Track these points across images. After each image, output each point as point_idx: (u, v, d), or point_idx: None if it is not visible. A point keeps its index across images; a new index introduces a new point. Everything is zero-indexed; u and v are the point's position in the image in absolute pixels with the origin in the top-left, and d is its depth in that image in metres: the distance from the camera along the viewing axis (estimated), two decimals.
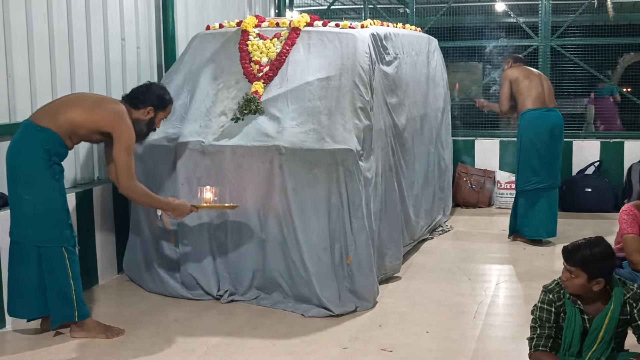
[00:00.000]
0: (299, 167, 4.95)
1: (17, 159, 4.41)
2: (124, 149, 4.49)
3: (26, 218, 4.41)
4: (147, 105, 4.68)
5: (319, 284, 4.94)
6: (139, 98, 4.68)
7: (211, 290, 5.23)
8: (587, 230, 7.20)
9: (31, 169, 4.37)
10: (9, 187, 4.48)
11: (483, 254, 6.58)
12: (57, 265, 4.44)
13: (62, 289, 4.46)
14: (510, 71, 6.93)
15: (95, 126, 4.50)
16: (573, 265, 3.47)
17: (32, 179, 4.37)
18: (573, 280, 3.49)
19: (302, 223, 4.95)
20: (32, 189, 4.37)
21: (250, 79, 5.44)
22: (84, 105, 4.53)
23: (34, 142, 4.38)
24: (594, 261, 3.45)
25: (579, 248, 3.50)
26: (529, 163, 6.73)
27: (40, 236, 4.41)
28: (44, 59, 5.25)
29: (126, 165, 4.52)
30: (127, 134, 4.51)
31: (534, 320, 3.63)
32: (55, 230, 4.44)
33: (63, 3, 5.43)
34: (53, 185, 4.43)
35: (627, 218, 4.55)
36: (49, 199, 4.41)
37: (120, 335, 4.63)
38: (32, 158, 4.37)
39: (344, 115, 5.09)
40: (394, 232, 5.68)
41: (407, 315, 4.94)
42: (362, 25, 5.77)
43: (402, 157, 6.03)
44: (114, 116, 4.51)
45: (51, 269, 4.43)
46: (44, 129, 4.38)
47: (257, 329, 4.71)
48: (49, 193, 4.41)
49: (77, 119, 4.45)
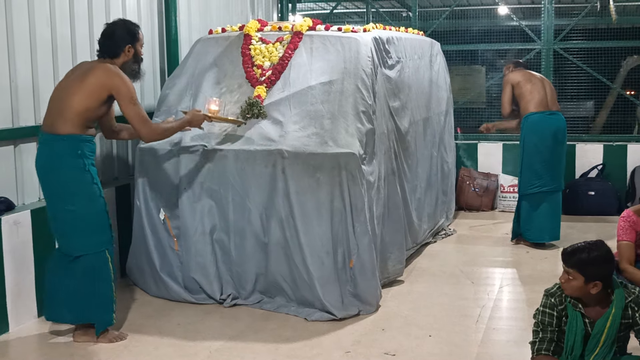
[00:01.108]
0: (301, 170, 4.95)
1: (51, 173, 4.41)
2: (128, 101, 4.46)
3: (72, 229, 4.45)
4: (123, 47, 4.57)
5: (322, 288, 4.94)
6: (113, 46, 4.57)
7: (214, 294, 5.24)
8: (590, 234, 7.20)
9: (70, 180, 4.39)
10: (48, 201, 4.50)
11: (486, 257, 6.58)
12: (102, 270, 4.50)
13: (104, 295, 4.53)
14: (511, 75, 6.92)
15: (95, 99, 4.44)
16: (571, 267, 3.50)
17: (72, 190, 4.39)
18: (570, 282, 3.51)
19: (305, 227, 4.96)
20: (73, 199, 4.40)
21: (253, 83, 5.45)
22: (74, 89, 4.43)
23: (65, 152, 4.38)
24: (591, 264, 3.47)
25: (577, 250, 3.53)
26: (532, 166, 6.73)
27: (85, 244, 4.46)
28: (47, 64, 5.26)
29: (137, 115, 4.51)
30: (124, 86, 4.45)
31: (536, 324, 3.63)
32: (99, 235, 4.51)
33: (66, 8, 5.45)
34: (93, 190, 4.46)
35: (624, 225, 4.54)
36: (91, 205, 4.45)
37: (123, 339, 4.63)
38: (68, 169, 4.39)
39: (346, 119, 5.10)
40: (396, 236, 5.68)
41: (410, 319, 4.94)
42: (365, 29, 5.78)
43: (404, 160, 6.04)
44: (103, 77, 4.43)
45: (95, 275, 4.48)
46: (68, 137, 4.38)
47: (259, 332, 4.72)
48: (90, 199, 4.45)
49: (81, 107, 4.40)
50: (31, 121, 5.10)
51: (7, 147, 4.91)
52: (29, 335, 4.71)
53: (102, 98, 4.46)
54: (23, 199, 5.06)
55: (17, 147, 4.99)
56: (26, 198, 5.09)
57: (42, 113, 5.12)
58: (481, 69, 11.19)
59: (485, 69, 10.93)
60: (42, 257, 5.00)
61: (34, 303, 4.96)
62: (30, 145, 5.09)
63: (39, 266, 4.97)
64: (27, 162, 5.06)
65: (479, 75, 10.88)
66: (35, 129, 5.09)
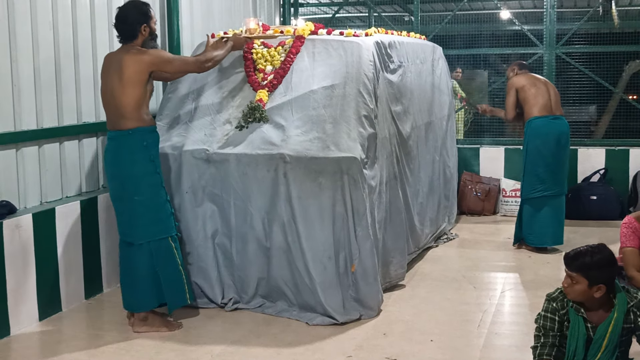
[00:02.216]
0: (303, 175, 4.95)
1: (122, 167, 4.71)
2: (168, 63, 4.83)
3: (137, 218, 4.73)
4: (139, 28, 4.77)
5: (324, 293, 4.94)
6: (130, 28, 4.78)
7: (216, 299, 5.23)
8: (593, 239, 7.13)
9: (137, 172, 4.70)
10: (116, 194, 4.80)
11: (488, 262, 6.57)
12: (168, 256, 4.79)
13: (174, 277, 4.81)
14: (516, 79, 6.91)
15: (141, 86, 4.69)
16: (574, 271, 3.49)
17: (141, 181, 4.70)
18: (574, 287, 3.50)
19: (307, 231, 4.95)
20: (140, 190, 4.70)
21: (255, 87, 5.45)
22: (117, 88, 4.67)
23: (133, 146, 4.69)
24: (594, 268, 3.47)
25: (580, 254, 3.53)
26: (535, 171, 6.72)
27: (150, 231, 4.74)
28: (49, 68, 5.26)
29: (183, 62, 4.99)
30: (155, 56, 4.74)
31: (537, 329, 3.63)
32: (163, 223, 4.79)
33: (68, 12, 5.45)
34: (157, 180, 4.78)
35: (627, 231, 4.53)
36: (156, 194, 4.76)
37: (180, 328, 4.85)
38: (136, 162, 4.70)
39: (348, 123, 5.09)
40: (398, 241, 5.67)
41: (411, 324, 4.93)
42: (367, 33, 5.78)
43: (406, 165, 6.03)
44: (136, 64, 4.66)
45: (162, 260, 4.77)
46: (134, 131, 4.67)
47: (261, 337, 4.71)
48: (155, 189, 4.76)
49: (131, 100, 4.65)
50: (33, 125, 5.10)
51: (9, 151, 4.91)
52: (30, 339, 4.71)
53: (144, 80, 4.71)
54: (25, 203, 5.07)
55: (19, 150, 4.99)
56: (28, 202, 5.09)
57: (45, 116, 5.21)
58: (484, 73, 11.20)
59: (488, 74, 10.93)
60: (43, 260, 5.01)
61: (35, 306, 4.97)
62: (32, 149, 5.11)
63: (40, 270, 4.98)
64: (29, 165, 5.08)
65: (482, 79, 10.88)
66: (37, 132, 5.12)
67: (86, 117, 5.62)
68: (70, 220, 5.28)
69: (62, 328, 4.94)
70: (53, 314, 5.12)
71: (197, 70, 5.05)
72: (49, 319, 5.05)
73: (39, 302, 4.99)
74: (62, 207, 5.22)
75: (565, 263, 3.57)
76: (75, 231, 5.33)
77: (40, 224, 4.98)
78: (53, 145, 5.32)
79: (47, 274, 5.07)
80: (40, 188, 5.21)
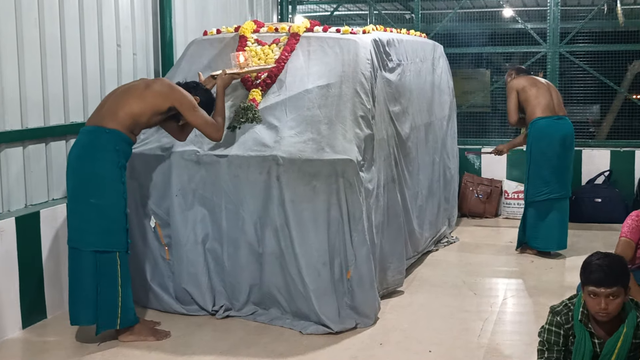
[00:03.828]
0: (297, 178, 4.76)
1: (87, 163, 4.43)
2: (192, 110, 4.62)
3: (88, 223, 4.42)
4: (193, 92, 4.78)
5: (318, 300, 4.74)
6: (189, 87, 4.80)
7: (206, 306, 5.04)
8: (597, 243, 7.00)
9: (102, 172, 4.43)
10: (72, 193, 4.48)
11: (490, 267, 6.37)
12: (109, 271, 4.46)
13: (109, 297, 4.48)
14: (515, 81, 6.71)
15: (154, 109, 4.58)
16: (613, 286, 3.22)
17: (102, 182, 4.42)
18: (615, 302, 3.24)
19: (301, 236, 4.76)
20: (99, 193, 4.41)
21: (248, 86, 5.27)
22: (135, 93, 4.57)
23: (105, 145, 4.44)
24: (625, 271, 3.28)
25: (608, 267, 3.25)
26: (540, 173, 6.52)
27: (99, 241, 4.43)
28: (35, 67, 5.08)
29: (204, 121, 4.68)
30: (185, 97, 4.63)
31: (541, 342, 3.44)
32: (113, 235, 4.47)
33: (55, 9, 5.27)
34: (120, 189, 4.49)
35: (632, 223, 4.37)
36: (114, 203, 4.46)
37: (168, 337, 4.64)
38: (104, 161, 4.43)
39: (344, 124, 4.90)
40: (396, 245, 5.48)
41: (409, 333, 4.74)
42: (364, 30, 5.59)
43: (405, 167, 5.84)
44: (167, 90, 4.61)
45: (103, 274, 4.45)
46: (112, 131, 4.45)
47: (252, 347, 4.52)
48: (115, 196, 4.46)
49: (136, 109, 4.52)
50: (17, 125, 4.93)
51: None
52: (12, 348, 4.54)
53: (161, 108, 4.60)
54: (9, 206, 4.89)
55: (2, 152, 4.81)
56: (12, 205, 4.91)
57: (29, 117, 5.02)
58: (486, 72, 11.00)
59: (491, 72, 10.74)
60: (27, 266, 4.83)
61: (18, 314, 4.79)
62: (17, 149, 4.93)
63: (23, 275, 4.81)
64: (13, 167, 4.90)
65: (484, 78, 10.69)
66: (21, 133, 4.94)
67: (74, 116, 5.45)
68: (56, 224, 5.10)
69: (46, 336, 4.75)
70: (37, 321, 4.94)
71: (215, 138, 4.77)
72: (32, 327, 4.87)
73: (22, 309, 4.81)
74: (47, 210, 5.04)
75: (598, 284, 3.23)
76: (62, 235, 5.13)
77: (24, 228, 4.80)
78: (38, 146, 5.14)
79: (31, 280, 4.89)
80: (25, 190, 5.03)
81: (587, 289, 3.29)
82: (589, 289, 3.27)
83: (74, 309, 4.50)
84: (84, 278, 4.43)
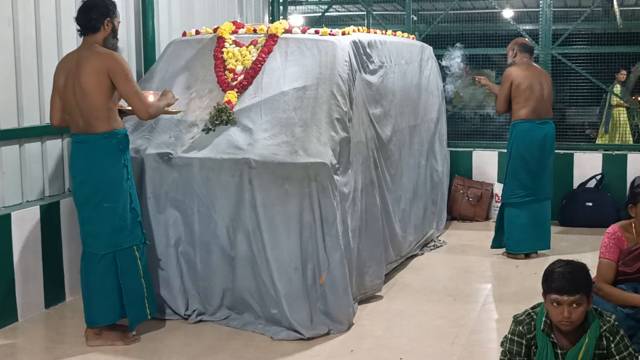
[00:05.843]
0: (269, 181, 4.69)
1: (97, 171, 4.43)
2: (124, 81, 4.39)
3: (104, 226, 4.45)
4: (102, 20, 4.49)
5: (289, 306, 4.67)
6: (93, 20, 4.48)
7: (179, 310, 4.98)
8: (586, 247, 6.90)
9: (113, 177, 4.45)
10: (84, 201, 4.49)
11: (473, 271, 6.28)
12: (130, 267, 4.52)
13: (136, 290, 4.55)
14: (514, 71, 6.50)
15: (106, 89, 4.39)
16: (577, 294, 3.14)
17: (114, 186, 4.45)
18: (578, 310, 3.16)
19: (272, 241, 4.69)
20: (113, 196, 4.44)
21: (224, 88, 5.20)
22: (80, 89, 4.39)
23: (109, 150, 4.43)
24: (589, 279, 3.21)
25: (570, 274, 3.17)
26: (517, 176, 6.49)
27: (116, 241, 4.47)
28: (8, 67, 5.02)
29: (136, 94, 4.44)
30: (119, 66, 4.39)
31: (503, 352, 3.36)
32: (129, 231, 4.51)
33: (30, 7, 5.20)
34: (126, 187, 4.51)
35: (608, 242, 4.25)
36: (125, 201, 4.50)
37: (137, 342, 4.60)
38: (112, 166, 4.45)
39: (319, 127, 4.83)
40: (375, 250, 5.39)
41: (382, 340, 4.65)
42: (344, 32, 5.52)
43: (386, 170, 5.75)
44: (100, 64, 4.38)
45: (125, 271, 4.50)
46: (109, 133, 4.41)
47: (220, 353, 4.45)
48: (124, 195, 4.50)
49: (102, 100, 4.39)
50: None
51: None
52: None
53: (107, 85, 4.40)
54: None
55: None
56: None
57: (2, 117, 4.94)
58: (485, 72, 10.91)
59: None
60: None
61: None
62: None
63: None
64: None
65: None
66: None
67: None
68: (28, 226, 5.04)
69: (16, 340, 4.69)
70: (8, 324, 4.88)
71: (142, 109, 4.47)
72: (2, 330, 4.81)
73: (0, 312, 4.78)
74: (19, 212, 4.98)
75: (561, 292, 3.14)
76: (34, 237, 5.09)
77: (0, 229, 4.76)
78: (12, 147, 5.08)
79: (1, 282, 4.83)
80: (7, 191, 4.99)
81: (550, 297, 3.20)
82: (552, 297, 3.19)
83: (93, 311, 4.52)
84: (105, 280, 4.48)
